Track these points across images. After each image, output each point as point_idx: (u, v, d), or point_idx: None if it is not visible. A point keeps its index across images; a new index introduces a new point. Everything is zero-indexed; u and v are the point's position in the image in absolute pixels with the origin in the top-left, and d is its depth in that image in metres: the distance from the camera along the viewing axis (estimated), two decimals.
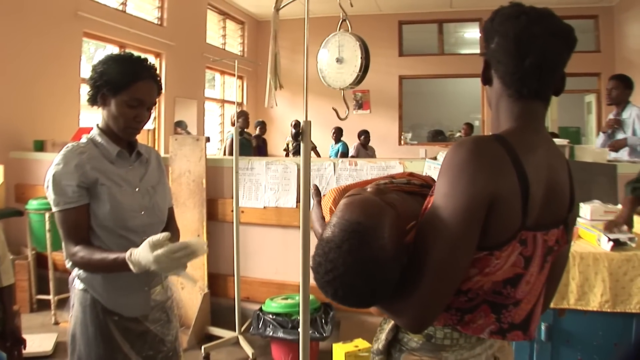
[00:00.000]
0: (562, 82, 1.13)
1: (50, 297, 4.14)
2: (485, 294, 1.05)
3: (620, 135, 4.58)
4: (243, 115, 6.54)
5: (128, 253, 1.51)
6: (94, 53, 7.29)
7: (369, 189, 1.09)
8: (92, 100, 1.74)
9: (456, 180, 0.98)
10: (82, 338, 1.70)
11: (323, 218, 1.22)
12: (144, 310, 1.76)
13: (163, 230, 1.74)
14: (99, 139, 1.74)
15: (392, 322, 1.16)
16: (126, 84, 1.66)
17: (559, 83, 1.13)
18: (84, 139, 1.76)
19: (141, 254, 1.48)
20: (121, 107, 1.68)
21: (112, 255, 1.56)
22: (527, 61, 1.05)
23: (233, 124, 6.18)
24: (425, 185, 1.24)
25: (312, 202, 1.30)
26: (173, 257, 1.46)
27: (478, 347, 1.13)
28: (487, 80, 1.16)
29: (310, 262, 1.02)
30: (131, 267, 1.49)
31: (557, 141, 3.31)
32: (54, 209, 1.65)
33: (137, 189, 1.76)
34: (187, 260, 1.51)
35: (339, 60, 1.88)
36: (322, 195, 1.29)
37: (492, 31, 1.11)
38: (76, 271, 1.73)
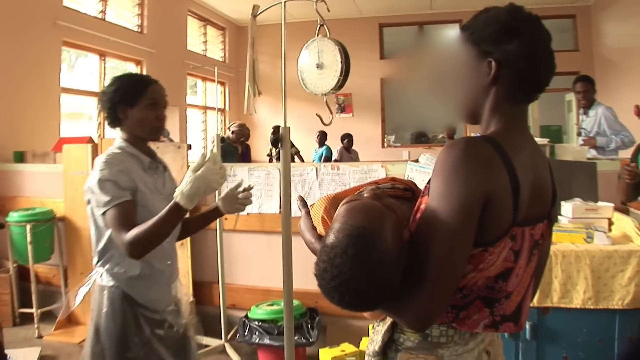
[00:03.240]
0: None
1: (33, 310, 4.07)
2: (479, 289, 1.08)
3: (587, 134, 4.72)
4: (241, 128, 6.49)
5: (175, 198, 1.64)
6: (74, 62, 7.22)
7: (365, 194, 1.11)
8: (113, 118, 1.91)
9: (451, 181, 1.00)
10: (107, 330, 1.82)
11: (314, 228, 1.22)
12: (168, 304, 1.95)
13: (181, 231, 2.02)
14: (130, 150, 1.89)
15: (388, 323, 1.18)
16: (141, 90, 1.86)
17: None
18: (113, 150, 1.88)
19: (183, 185, 1.62)
20: (143, 111, 1.86)
21: (161, 212, 1.66)
22: (551, 70, 1.10)
23: (234, 134, 6.16)
24: (408, 189, 1.26)
25: (301, 212, 1.29)
26: (213, 167, 1.64)
27: (471, 342, 1.15)
28: (495, 82, 1.11)
29: (314, 270, 1.02)
30: (182, 203, 1.62)
31: (538, 140, 3.32)
32: (103, 209, 1.73)
33: (162, 196, 1.91)
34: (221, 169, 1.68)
35: (319, 66, 1.87)
36: (309, 205, 1.29)
37: (513, 31, 1.08)
38: (107, 270, 1.86)
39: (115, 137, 1.95)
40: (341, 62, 1.85)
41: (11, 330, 4.13)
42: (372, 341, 1.22)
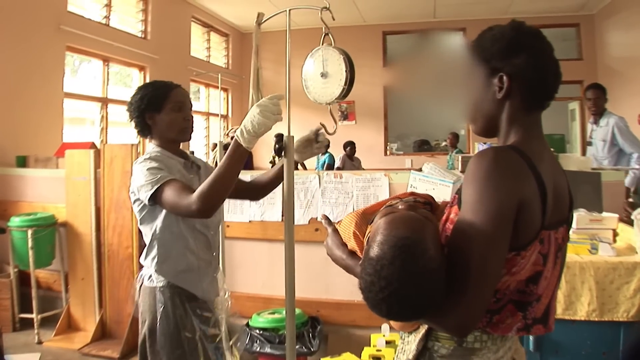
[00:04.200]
0: None
1: (34, 315, 4.05)
2: (511, 293, 1.11)
3: (598, 144, 4.69)
4: None
5: (235, 137, 1.65)
6: (78, 66, 7.25)
7: (400, 207, 1.18)
8: (142, 127, 2.00)
9: (484, 189, 1.04)
10: (162, 329, 1.90)
11: (344, 244, 1.27)
12: (215, 294, 2.05)
13: (258, 190, 2.11)
14: (164, 153, 1.97)
15: (422, 332, 1.20)
16: (165, 94, 1.97)
17: None
18: (150, 154, 1.95)
19: (245, 120, 1.62)
20: (170, 114, 1.96)
21: (222, 160, 1.67)
22: (558, 79, 1.16)
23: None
24: (427, 202, 1.31)
25: (328, 230, 1.35)
26: (271, 101, 1.63)
27: (501, 349, 1.17)
28: (508, 95, 1.16)
29: (359, 284, 1.06)
30: (241, 140, 1.63)
31: None
32: (155, 187, 1.77)
33: None
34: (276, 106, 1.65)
35: (323, 75, 1.86)
36: (333, 222, 1.35)
37: (519, 45, 1.15)
38: (156, 269, 1.93)
39: (147, 147, 2.05)
40: (346, 71, 1.84)
41: (11, 336, 4.11)
42: (404, 351, 1.25)
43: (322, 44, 1.85)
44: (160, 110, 1.96)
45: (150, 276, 1.96)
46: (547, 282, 1.14)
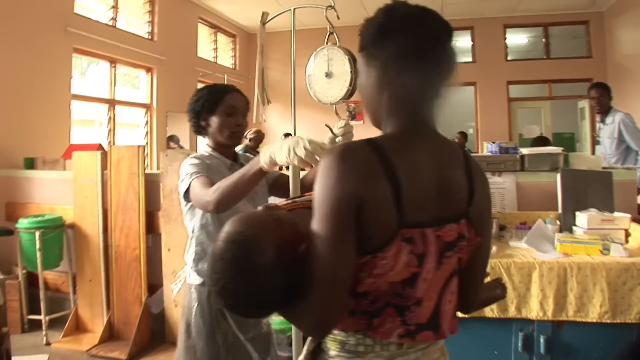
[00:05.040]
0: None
1: (42, 317, 4.06)
2: (386, 295, 1.05)
3: (606, 142, 4.66)
4: (258, 134, 6.48)
5: (262, 162, 1.60)
6: (86, 68, 7.27)
7: (259, 208, 1.17)
8: (197, 127, 2.10)
9: (322, 188, 1.00)
10: (197, 326, 1.97)
11: None
12: None
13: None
14: (213, 153, 2.08)
15: None
16: (219, 98, 2.02)
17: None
18: (200, 152, 2.08)
19: (280, 148, 1.54)
20: (222, 117, 2.02)
21: (246, 171, 1.66)
22: (433, 61, 1.07)
23: (252, 140, 6.15)
24: None
25: None
26: (322, 146, 1.56)
27: (399, 357, 1.09)
28: (382, 83, 1.11)
29: None
30: (266, 166, 1.59)
31: (551, 149, 3.28)
32: (188, 181, 1.86)
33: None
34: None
35: (328, 75, 1.84)
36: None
37: (391, 30, 1.08)
38: (193, 268, 2.00)
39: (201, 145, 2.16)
40: (351, 71, 1.82)
41: (19, 337, 4.12)
42: (303, 350, 1.21)
43: (327, 43, 1.83)
44: (213, 112, 2.03)
45: (190, 273, 2.05)
46: (427, 284, 1.06)
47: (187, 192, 1.88)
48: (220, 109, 2.02)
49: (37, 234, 3.98)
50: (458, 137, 9.14)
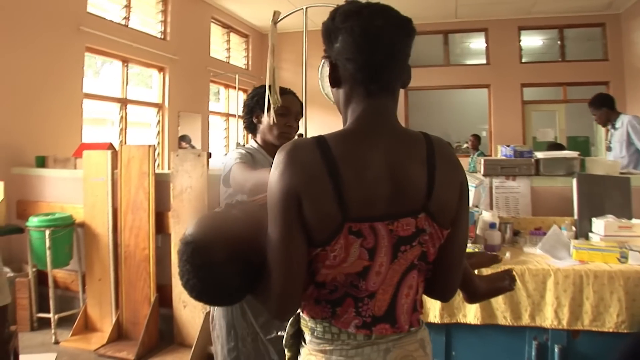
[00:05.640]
0: (409, 75, 1.18)
1: (51, 315, 4.05)
2: (344, 286, 1.10)
3: (616, 146, 4.66)
4: None
5: None
6: (100, 67, 7.29)
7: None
8: (249, 123, 2.15)
9: (271, 181, 1.08)
10: (219, 320, 2.07)
11: None
12: None
13: None
14: (259, 149, 2.13)
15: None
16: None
17: (406, 76, 1.18)
18: (249, 146, 2.14)
19: None
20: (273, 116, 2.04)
21: None
22: (377, 55, 1.10)
23: None
24: None
25: None
26: None
27: (367, 347, 1.12)
28: (336, 82, 1.17)
29: None
30: None
31: (567, 153, 3.22)
32: (230, 166, 1.94)
33: None
34: None
35: None
36: None
37: (334, 30, 1.13)
38: None
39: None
40: None
41: (29, 335, 4.12)
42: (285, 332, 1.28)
43: None
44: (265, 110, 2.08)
45: None
46: (380, 277, 1.09)
47: (227, 180, 1.96)
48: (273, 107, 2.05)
49: (47, 232, 3.98)
50: (471, 140, 9.07)
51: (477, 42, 10.31)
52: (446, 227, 1.14)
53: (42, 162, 4.82)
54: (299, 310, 1.19)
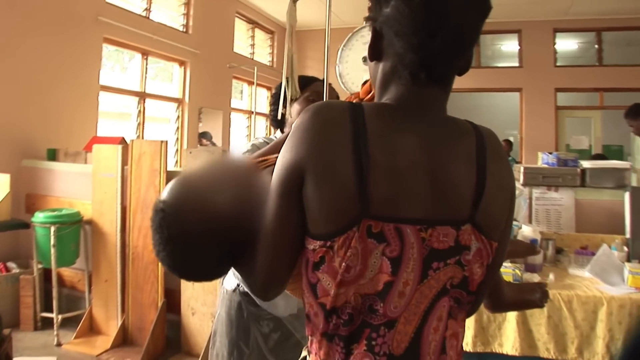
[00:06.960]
0: (470, 60, 0.92)
1: (54, 315, 3.86)
2: (360, 313, 0.83)
3: None
4: None
5: None
6: (128, 62, 7.14)
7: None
8: (275, 114, 1.98)
9: (284, 145, 0.88)
10: (220, 332, 1.92)
11: None
12: (292, 310, 1.89)
13: None
14: None
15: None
16: (307, 82, 1.91)
17: (465, 63, 0.92)
18: (271, 137, 1.99)
19: None
20: (304, 103, 1.88)
21: None
22: (438, 38, 0.84)
23: None
24: None
25: None
26: None
27: None
28: (376, 55, 0.93)
29: None
30: None
31: (618, 163, 2.91)
32: (245, 148, 1.85)
33: None
34: None
35: (365, 59, 1.55)
36: None
37: None
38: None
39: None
40: None
41: (31, 335, 3.97)
42: None
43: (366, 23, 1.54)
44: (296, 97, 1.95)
45: (227, 276, 1.94)
46: (404, 301, 0.82)
47: None
48: (305, 94, 1.88)
49: (52, 229, 3.79)
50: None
51: (510, 44, 9.97)
52: (495, 239, 0.90)
53: (53, 155, 4.65)
54: (305, 353, 0.96)
